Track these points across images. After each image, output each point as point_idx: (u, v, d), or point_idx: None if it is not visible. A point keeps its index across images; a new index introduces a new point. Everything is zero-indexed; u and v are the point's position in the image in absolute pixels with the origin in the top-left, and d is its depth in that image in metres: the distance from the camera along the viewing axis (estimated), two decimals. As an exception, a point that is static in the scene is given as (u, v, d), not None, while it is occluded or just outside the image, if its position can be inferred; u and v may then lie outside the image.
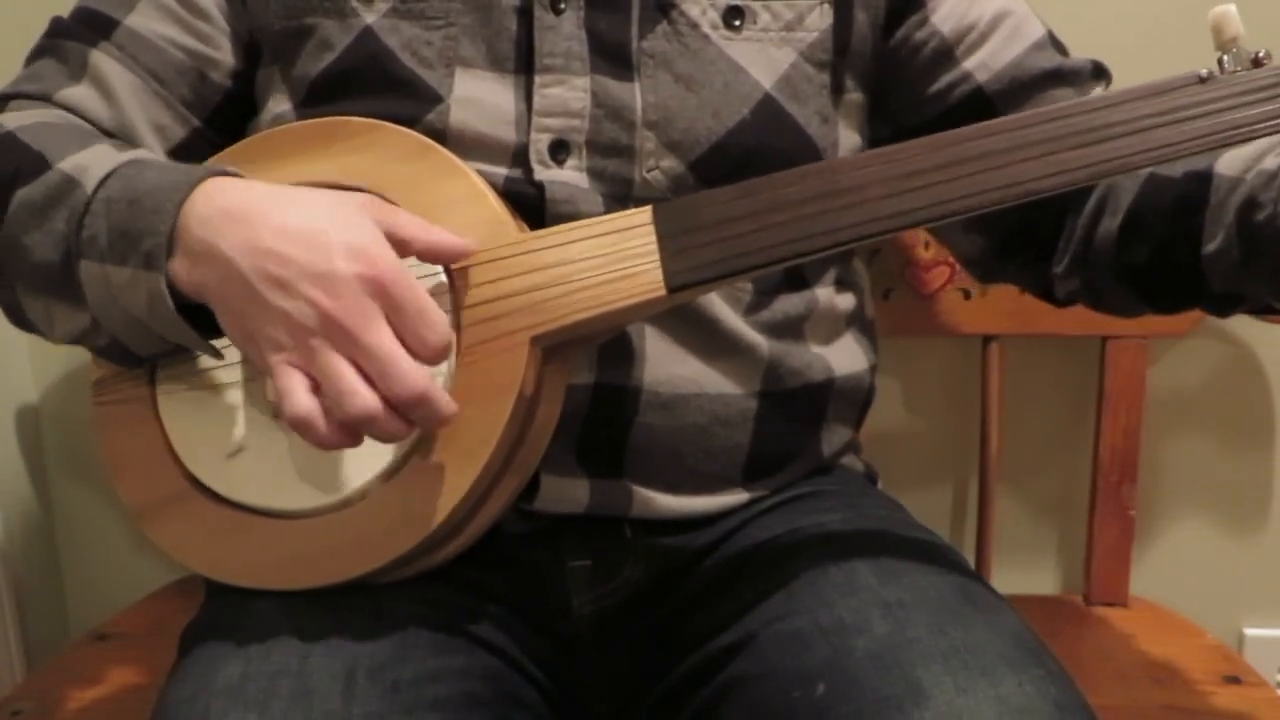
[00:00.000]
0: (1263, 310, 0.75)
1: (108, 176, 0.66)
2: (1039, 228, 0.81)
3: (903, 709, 0.60)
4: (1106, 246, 0.77)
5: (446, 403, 0.62)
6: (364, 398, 0.59)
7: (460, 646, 0.70)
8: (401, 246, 0.64)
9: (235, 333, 0.64)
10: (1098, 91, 0.81)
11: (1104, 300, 0.81)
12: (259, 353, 0.62)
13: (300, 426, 0.60)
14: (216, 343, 0.67)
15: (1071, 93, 0.80)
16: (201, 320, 0.65)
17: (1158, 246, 0.75)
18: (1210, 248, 0.71)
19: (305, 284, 0.60)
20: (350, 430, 0.61)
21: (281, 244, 0.61)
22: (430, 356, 0.61)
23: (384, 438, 0.62)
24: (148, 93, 0.77)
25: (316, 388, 0.61)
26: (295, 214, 0.62)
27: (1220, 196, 0.71)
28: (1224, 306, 0.75)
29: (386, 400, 0.60)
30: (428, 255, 0.66)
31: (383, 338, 0.60)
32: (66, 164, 0.68)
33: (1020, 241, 0.83)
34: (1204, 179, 0.72)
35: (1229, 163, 0.72)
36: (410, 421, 0.62)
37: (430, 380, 0.61)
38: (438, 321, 0.61)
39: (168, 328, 0.65)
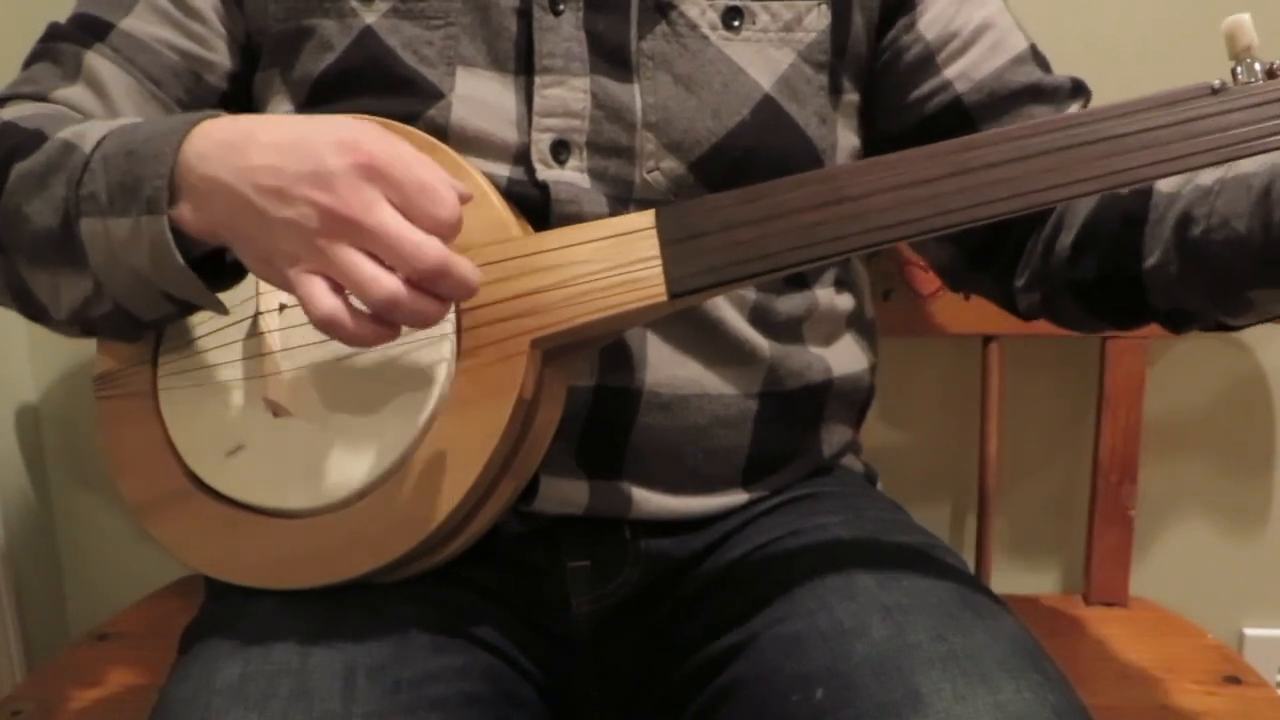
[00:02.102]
0: (1215, 327, 0.75)
1: (104, 137, 0.66)
2: (1004, 242, 0.82)
3: (901, 715, 0.60)
4: (1061, 262, 0.78)
5: (469, 269, 0.60)
6: (384, 281, 0.58)
7: (460, 646, 0.70)
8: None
9: (254, 261, 0.63)
10: (1074, 110, 0.81)
11: (1060, 314, 0.82)
12: (279, 273, 0.61)
13: (328, 327, 0.59)
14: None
15: (1049, 110, 0.80)
16: (207, 276, 0.65)
17: (1104, 262, 0.76)
18: (1149, 263, 0.72)
19: (301, 186, 0.59)
20: (382, 320, 0.60)
21: (270, 157, 0.60)
22: (441, 229, 0.59)
23: (416, 320, 0.60)
24: (143, 94, 0.77)
25: (340, 289, 0.60)
26: (282, 129, 0.62)
27: (1159, 212, 0.72)
28: (1173, 323, 0.76)
29: (409, 281, 0.59)
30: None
31: (386, 218, 0.58)
32: (64, 133, 0.68)
33: (988, 254, 0.83)
34: (1144, 195, 0.73)
35: (1168, 179, 0.72)
36: (439, 297, 0.60)
37: (446, 250, 0.59)
38: (443, 194, 0.60)
39: (172, 279, 0.65)
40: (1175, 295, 0.73)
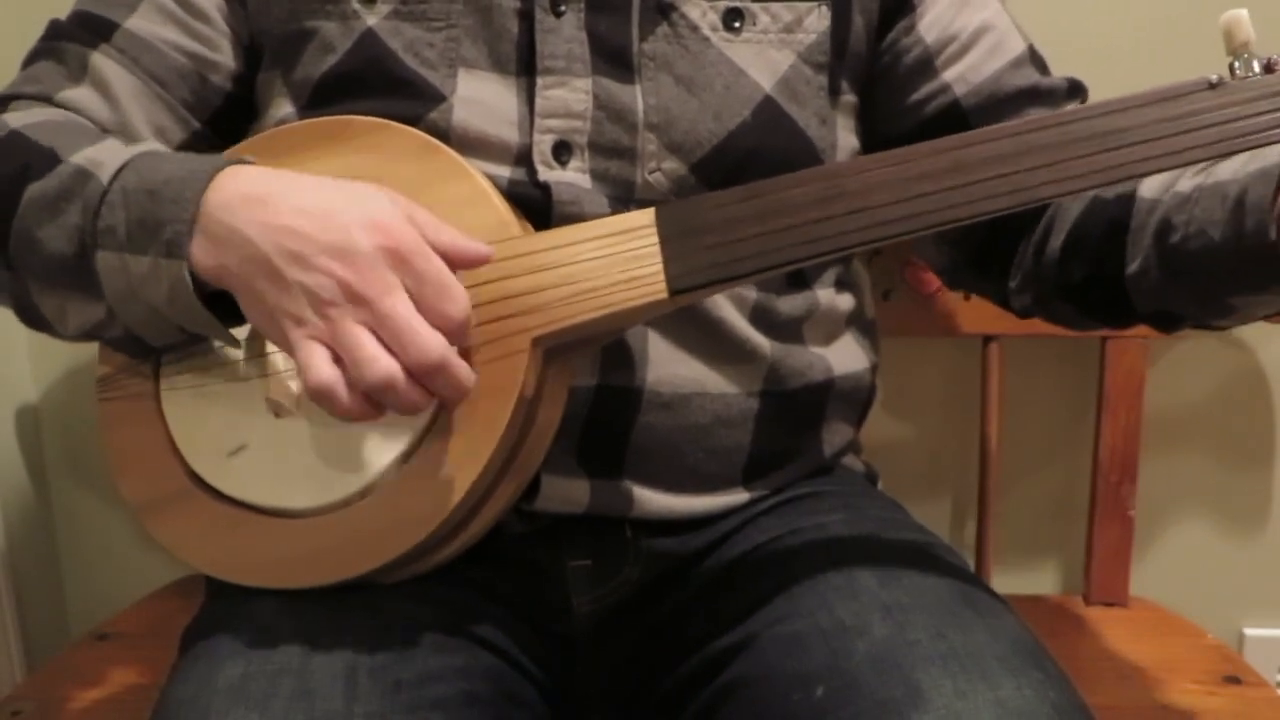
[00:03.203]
0: (1201, 327, 0.76)
1: (122, 168, 0.66)
2: (1000, 243, 0.82)
3: (902, 712, 0.60)
4: (1050, 264, 0.79)
5: (466, 373, 0.62)
6: (384, 363, 0.59)
7: (461, 646, 0.70)
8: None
9: (257, 315, 0.64)
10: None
11: (1053, 314, 0.83)
12: (281, 332, 0.62)
13: (322, 397, 0.60)
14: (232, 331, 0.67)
15: (1046, 112, 0.80)
16: (219, 310, 0.65)
17: (1090, 266, 0.76)
18: (1131, 269, 0.73)
19: (323, 257, 0.60)
20: (371, 400, 0.61)
21: (300, 221, 0.61)
22: (450, 328, 0.61)
23: (404, 408, 0.61)
24: (148, 95, 0.77)
25: (338, 360, 0.61)
26: (313, 194, 0.63)
27: (1140, 219, 0.73)
28: (1158, 323, 0.77)
29: (406, 369, 0.60)
30: (449, 254, 0.64)
31: (399, 305, 0.60)
32: (79, 157, 0.68)
33: (986, 255, 0.84)
34: (1128, 201, 0.74)
35: (1150, 185, 0.73)
36: (430, 392, 0.61)
37: (449, 349, 0.60)
38: (458, 294, 0.61)
39: (187, 316, 0.65)
40: (1158, 299, 0.73)
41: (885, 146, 0.65)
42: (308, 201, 0.62)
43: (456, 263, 0.63)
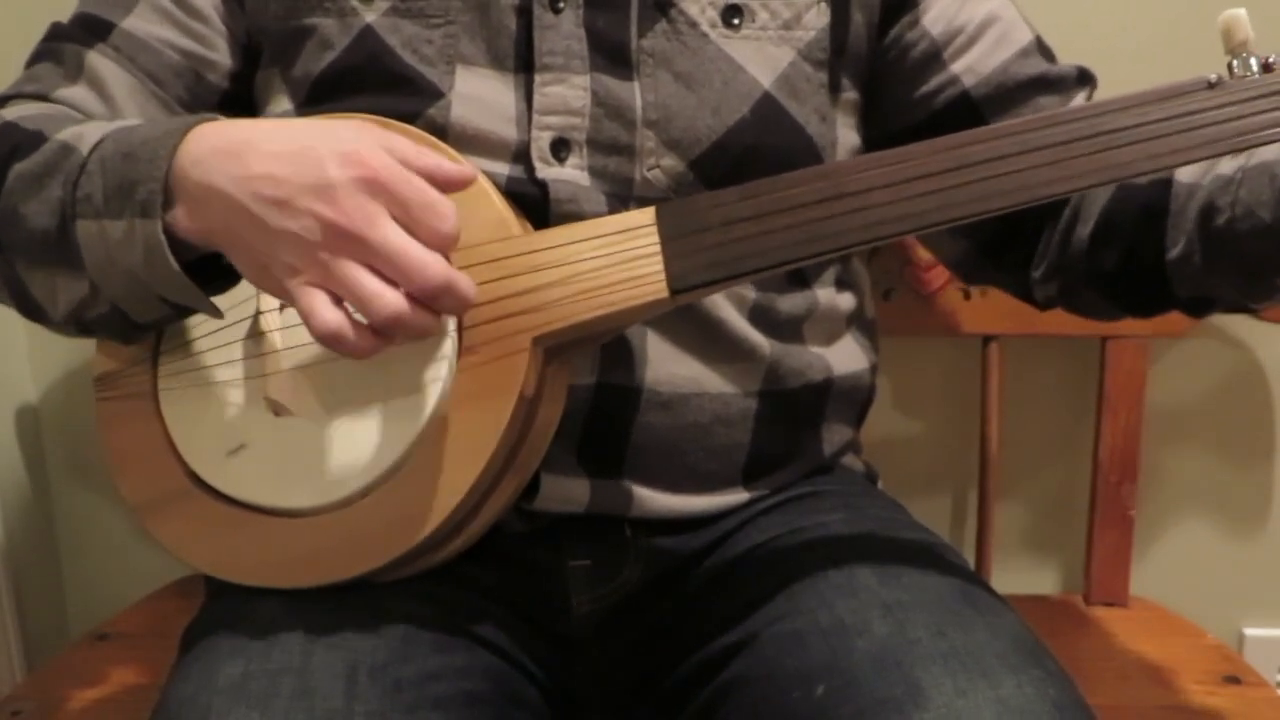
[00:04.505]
0: (1236, 310, 0.76)
1: (102, 140, 0.66)
2: (1020, 233, 0.82)
3: (902, 710, 0.60)
4: (1079, 253, 0.78)
5: (468, 285, 0.61)
6: (388, 298, 0.59)
7: (461, 645, 0.70)
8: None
9: (250, 269, 0.63)
10: (1081, 98, 0.81)
11: (1079, 304, 0.82)
12: (277, 284, 0.61)
13: (330, 341, 0.60)
14: (219, 305, 0.67)
15: (1057, 100, 0.81)
16: (202, 279, 0.65)
17: (1125, 253, 0.76)
18: (1173, 253, 0.72)
19: (303, 199, 0.59)
20: (379, 334, 0.60)
21: (273, 166, 0.60)
22: (443, 244, 0.60)
23: (415, 334, 0.61)
24: (144, 93, 0.77)
25: (340, 301, 0.60)
26: (283, 136, 0.62)
27: (1180, 203, 0.72)
28: (1195, 309, 0.77)
29: (410, 296, 0.59)
30: (432, 177, 0.63)
31: (389, 234, 0.59)
32: (63, 134, 0.68)
33: (1002, 246, 0.83)
34: (1165, 186, 0.73)
35: (1188, 169, 0.73)
36: (438, 313, 0.61)
37: (448, 266, 0.60)
38: (445, 209, 0.60)
39: (166, 283, 0.64)
40: (1200, 284, 0.73)
41: (893, 140, 0.65)
42: (279, 145, 0.61)
43: (441, 185, 0.62)
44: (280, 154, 0.61)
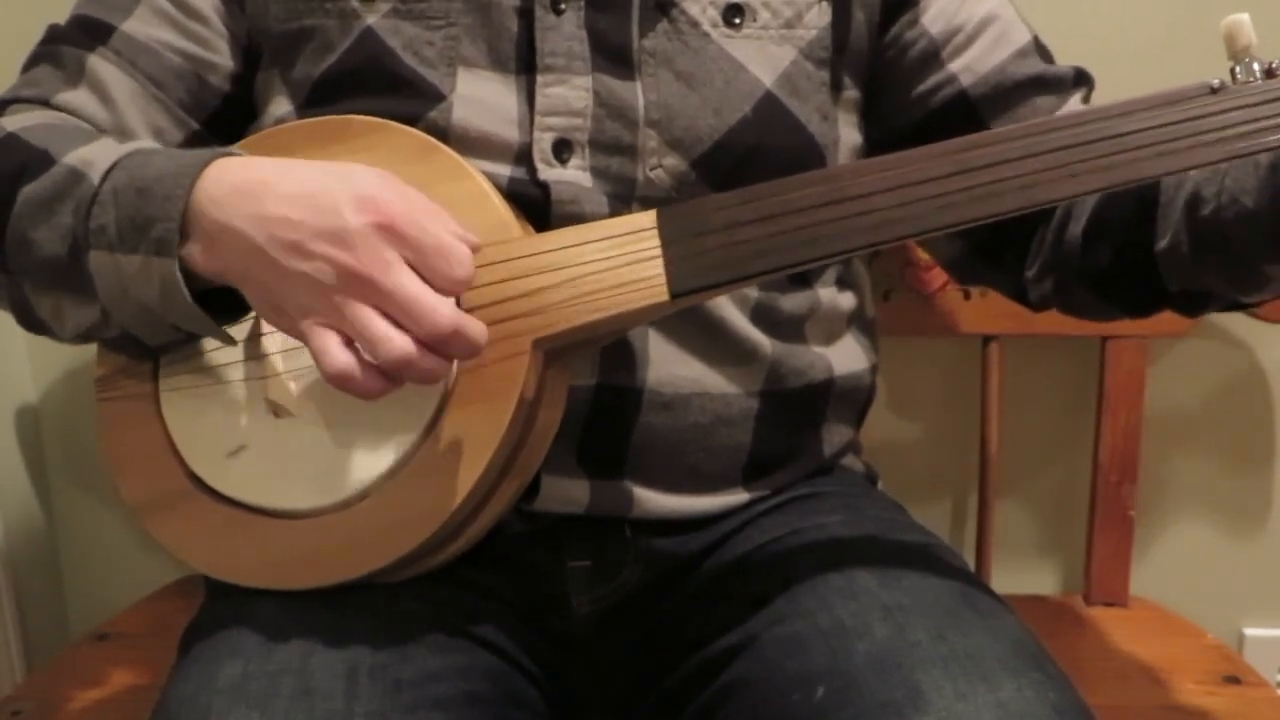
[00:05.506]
0: (1231, 307, 0.76)
1: (113, 167, 0.66)
2: (1014, 233, 0.82)
3: (902, 713, 0.60)
4: (1072, 250, 0.78)
5: (479, 330, 0.61)
6: (397, 342, 0.59)
7: (461, 646, 0.70)
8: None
9: (264, 308, 0.64)
10: (1076, 99, 0.82)
11: (1072, 303, 0.82)
12: (290, 323, 0.62)
13: (339, 382, 0.60)
14: (230, 330, 0.67)
15: (1053, 100, 0.81)
16: (215, 309, 0.65)
17: (1117, 249, 0.76)
18: (1162, 245, 0.73)
19: (318, 243, 0.60)
20: (387, 376, 0.61)
21: (289, 209, 0.61)
22: (456, 289, 0.61)
23: (424, 378, 0.61)
24: (145, 96, 0.77)
25: (351, 342, 0.61)
26: (299, 179, 0.63)
27: (1169, 195, 0.73)
28: (1187, 305, 0.77)
29: (419, 341, 0.60)
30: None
31: (402, 280, 0.60)
32: (71, 158, 0.68)
33: (997, 246, 0.84)
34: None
35: None
36: (447, 357, 0.61)
37: (459, 313, 0.60)
38: (459, 255, 0.61)
39: (181, 315, 0.65)
40: (1190, 276, 0.73)
41: (892, 139, 0.66)
42: (296, 188, 0.62)
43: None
44: (297, 196, 0.61)
